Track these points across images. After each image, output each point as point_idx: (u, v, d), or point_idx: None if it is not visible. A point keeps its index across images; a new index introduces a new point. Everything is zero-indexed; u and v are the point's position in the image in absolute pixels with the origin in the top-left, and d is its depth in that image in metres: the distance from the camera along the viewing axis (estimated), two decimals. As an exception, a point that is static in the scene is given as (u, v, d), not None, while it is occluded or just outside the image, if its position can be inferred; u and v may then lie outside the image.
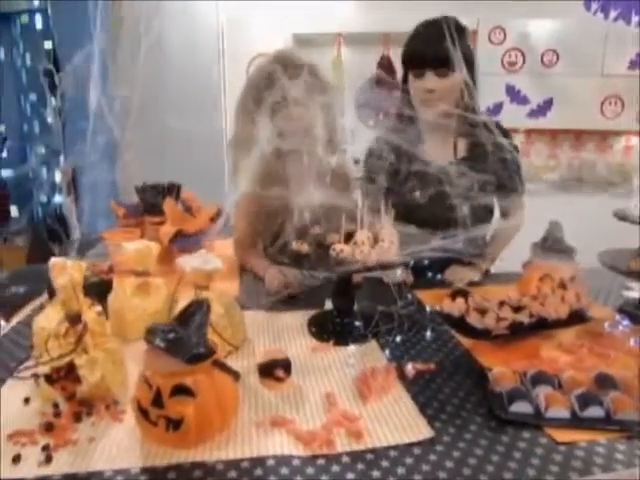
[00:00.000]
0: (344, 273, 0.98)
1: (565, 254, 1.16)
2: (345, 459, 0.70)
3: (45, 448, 0.71)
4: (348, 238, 1.01)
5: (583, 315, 1.01)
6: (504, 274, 1.39)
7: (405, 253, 0.81)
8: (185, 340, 0.68)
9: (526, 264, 1.21)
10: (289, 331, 1.09)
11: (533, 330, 0.98)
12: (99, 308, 0.94)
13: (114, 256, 1.26)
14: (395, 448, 0.72)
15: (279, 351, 0.91)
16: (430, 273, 1.22)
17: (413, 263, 1.02)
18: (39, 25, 3.29)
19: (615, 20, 2.77)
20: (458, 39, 1.18)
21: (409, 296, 1.19)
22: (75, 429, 0.77)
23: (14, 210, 3.73)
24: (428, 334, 1.05)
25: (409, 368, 0.91)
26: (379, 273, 1.11)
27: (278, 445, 0.72)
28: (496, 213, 1.35)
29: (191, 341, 0.68)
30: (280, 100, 1.37)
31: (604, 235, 1.54)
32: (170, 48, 3.00)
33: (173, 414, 0.69)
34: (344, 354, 0.99)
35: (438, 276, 1.27)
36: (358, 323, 1.03)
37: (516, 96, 3.02)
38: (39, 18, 3.28)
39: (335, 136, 1.38)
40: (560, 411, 0.78)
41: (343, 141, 1.41)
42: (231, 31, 3.05)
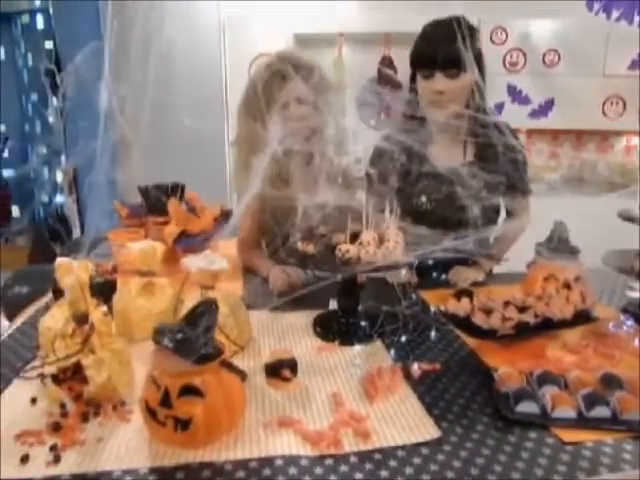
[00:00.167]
0: (354, 274, 0.98)
1: (570, 254, 1.17)
2: (353, 459, 0.70)
3: (53, 448, 0.71)
4: (353, 238, 1.01)
5: (588, 315, 1.01)
6: (507, 274, 1.40)
7: (416, 254, 0.82)
8: (193, 340, 0.68)
9: (530, 264, 1.21)
10: (294, 331, 1.09)
11: (538, 330, 0.98)
12: (105, 308, 0.94)
13: (118, 256, 1.26)
14: (403, 448, 0.72)
15: (285, 351, 0.92)
16: (434, 273, 1.22)
17: (417, 263, 1.02)
18: (40, 25, 3.29)
19: (617, 20, 2.78)
20: (468, 39, 1.16)
21: (413, 296, 1.20)
22: (83, 429, 0.77)
23: (15, 210, 3.73)
24: (433, 334, 1.05)
25: (415, 368, 0.91)
26: (385, 273, 1.11)
27: (286, 445, 0.72)
28: (502, 214, 1.35)
29: (199, 341, 0.68)
30: (285, 100, 1.37)
31: (605, 235, 1.54)
32: (171, 48, 3.00)
33: (181, 414, 0.69)
34: (349, 354, 0.99)
35: (442, 276, 1.27)
36: (364, 323, 1.03)
37: (517, 96, 3.02)
38: (40, 18, 3.29)
39: (339, 136, 1.38)
40: (566, 411, 0.79)
41: (345, 141, 1.42)
42: (232, 31, 3.05)
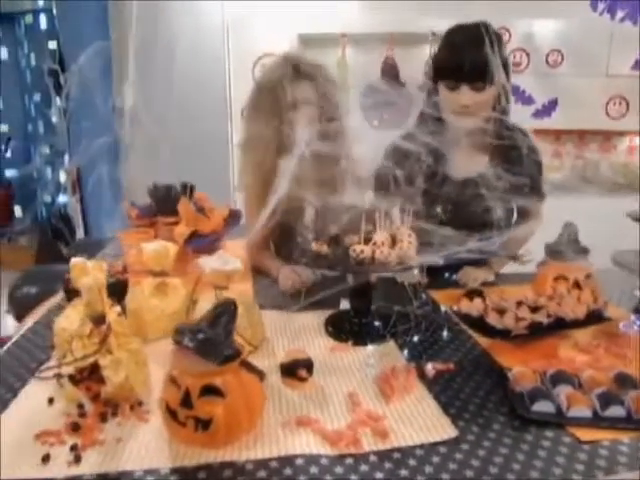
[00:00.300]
0: (367, 274, 0.98)
1: (579, 255, 1.17)
2: (372, 458, 0.71)
3: (73, 448, 0.72)
4: (365, 239, 1.01)
5: (600, 315, 1.02)
6: (516, 274, 1.40)
7: (442, 254, 0.82)
8: (215, 341, 0.69)
9: (540, 264, 1.21)
10: (306, 331, 1.09)
11: (551, 330, 0.99)
12: (118, 308, 0.95)
13: (129, 257, 1.27)
14: (421, 447, 0.73)
15: (300, 351, 0.92)
16: (446, 274, 1.23)
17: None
18: (43, 25, 3.29)
19: (622, 21, 2.78)
20: (495, 49, 1.14)
21: (423, 296, 1.20)
22: (101, 429, 0.77)
23: (18, 210, 3.73)
24: (445, 334, 1.05)
25: (429, 368, 0.91)
26: (395, 273, 1.11)
27: (305, 444, 0.73)
28: (514, 215, 1.36)
29: (220, 342, 0.69)
30: (293, 101, 1.37)
31: (608, 235, 1.55)
32: (175, 47, 3.01)
33: (202, 414, 0.69)
34: (363, 354, 0.99)
35: (453, 276, 1.28)
36: (377, 323, 1.03)
37: (521, 96, 3.02)
38: (44, 18, 3.29)
39: (345, 136, 1.39)
40: (582, 410, 0.79)
41: (350, 141, 1.42)
42: (236, 31, 3.05)
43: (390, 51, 3.10)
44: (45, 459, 0.70)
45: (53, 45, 3.21)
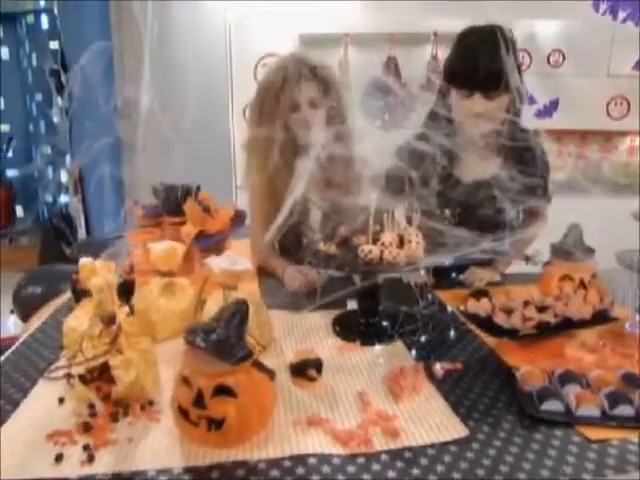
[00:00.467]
0: (375, 274, 0.99)
1: (585, 255, 1.18)
2: (384, 457, 0.71)
3: (86, 448, 0.72)
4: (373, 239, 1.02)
5: (607, 315, 1.02)
6: (521, 274, 1.41)
7: (457, 255, 0.83)
8: (227, 341, 0.69)
9: (546, 264, 1.22)
10: (314, 331, 1.10)
11: (558, 330, 0.99)
12: (127, 309, 0.95)
13: (135, 256, 1.27)
14: (432, 446, 0.73)
15: (310, 351, 0.92)
16: (452, 274, 1.23)
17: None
18: (45, 25, 3.29)
19: (624, 21, 2.79)
20: (510, 54, 1.12)
21: (430, 296, 1.20)
22: (113, 429, 0.77)
23: (19, 210, 3.73)
24: (452, 334, 1.06)
25: (437, 368, 0.92)
26: (402, 273, 1.12)
27: (317, 444, 0.73)
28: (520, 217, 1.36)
29: (233, 342, 0.69)
30: (298, 102, 1.38)
31: (608, 235, 1.55)
32: (177, 47, 3.01)
33: (215, 414, 0.70)
34: (371, 354, 0.99)
35: (460, 277, 1.28)
36: (385, 323, 1.04)
37: (522, 96, 3.03)
38: (45, 18, 3.29)
39: (348, 136, 1.39)
40: (590, 410, 0.79)
41: (354, 140, 1.42)
42: (238, 31, 3.05)
43: (392, 51, 3.11)
44: (58, 459, 0.70)
45: (54, 45, 3.21)
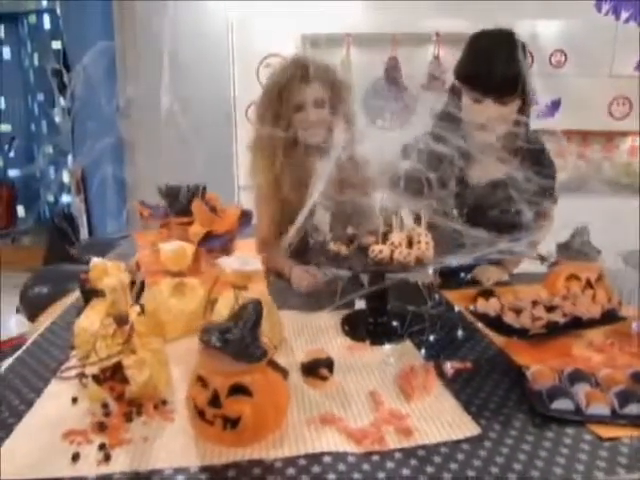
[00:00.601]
0: (384, 274, 1.00)
1: (591, 255, 1.18)
2: (398, 455, 0.72)
3: (102, 447, 0.73)
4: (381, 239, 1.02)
5: (616, 314, 1.03)
6: (527, 274, 1.41)
7: (475, 256, 0.84)
8: (243, 340, 0.69)
9: (553, 264, 1.22)
10: (323, 331, 1.10)
11: (567, 329, 1.00)
12: (138, 308, 0.95)
13: (143, 257, 1.27)
14: (445, 445, 0.74)
15: (321, 351, 0.93)
16: (460, 274, 1.24)
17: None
18: (47, 25, 3.29)
19: (626, 21, 2.79)
20: (522, 60, 1.12)
21: (437, 296, 1.21)
22: (127, 429, 0.78)
23: (21, 210, 3.73)
24: (460, 334, 1.06)
25: (448, 367, 0.92)
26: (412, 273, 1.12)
27: (331, 442, 0.74)
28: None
29: (249, 341, 0.70)
30: (303, 103, 1.38)
31: (609, 235, 1.56)
32: (179, 47, 3.01)
33: (231, 413, 0.70)
34: (381, 353, 1.00)
35: (468, 276, 1.29)
36: (395, 323, 1.04)
37: (524, 96, 3.04)
38: (47, 18, 3.29)
39: (352, 136, 1.40)
40: (601, 408, 0.80)
41: (357, 141, 1.43)
42: (240, 31, 3.05)
43: (394, 52, 3.11)
44: (75, 458, 0.71)
45: (57, 45, 3.21)
